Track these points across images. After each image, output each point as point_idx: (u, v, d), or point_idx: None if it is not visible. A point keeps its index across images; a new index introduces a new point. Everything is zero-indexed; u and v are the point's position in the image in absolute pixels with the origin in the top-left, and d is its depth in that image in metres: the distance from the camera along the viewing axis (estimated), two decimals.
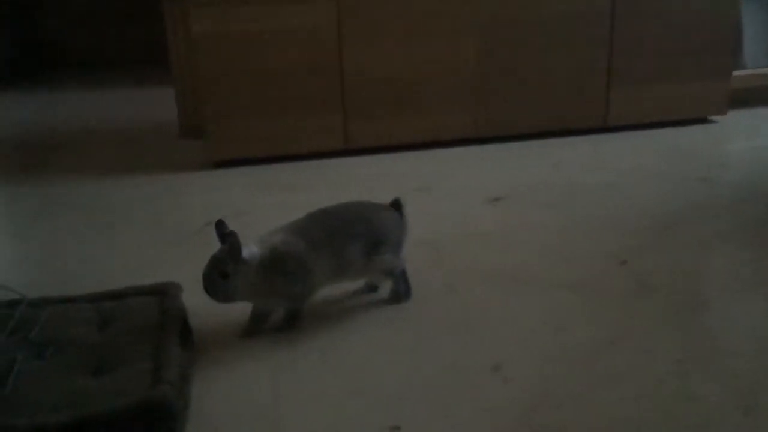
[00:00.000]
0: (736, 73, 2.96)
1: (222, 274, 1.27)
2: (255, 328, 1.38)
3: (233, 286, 1.28)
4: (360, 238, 1.38)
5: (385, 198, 2.16)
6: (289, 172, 2.46)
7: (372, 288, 1.53)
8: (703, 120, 2.95)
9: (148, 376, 1.15)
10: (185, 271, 1.44)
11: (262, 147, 2.53)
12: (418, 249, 1.76)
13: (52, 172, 2.57)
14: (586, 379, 1.21)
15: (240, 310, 1.37)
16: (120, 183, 2.40)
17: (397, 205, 1.49)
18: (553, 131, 2.76)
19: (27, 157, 2.86)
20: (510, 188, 2.20)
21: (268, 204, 2.13)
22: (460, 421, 1.10)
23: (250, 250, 1.30)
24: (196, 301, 1.37)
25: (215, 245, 1.29)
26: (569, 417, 1.11)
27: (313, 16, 2.44)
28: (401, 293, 1.48)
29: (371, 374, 1.24)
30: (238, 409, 1.16)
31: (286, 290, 1.35)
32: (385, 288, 1.51)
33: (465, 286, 1.56)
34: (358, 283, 1.53)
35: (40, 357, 1.24)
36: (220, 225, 1.30)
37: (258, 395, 1.19)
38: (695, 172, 2.32)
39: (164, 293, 1.43)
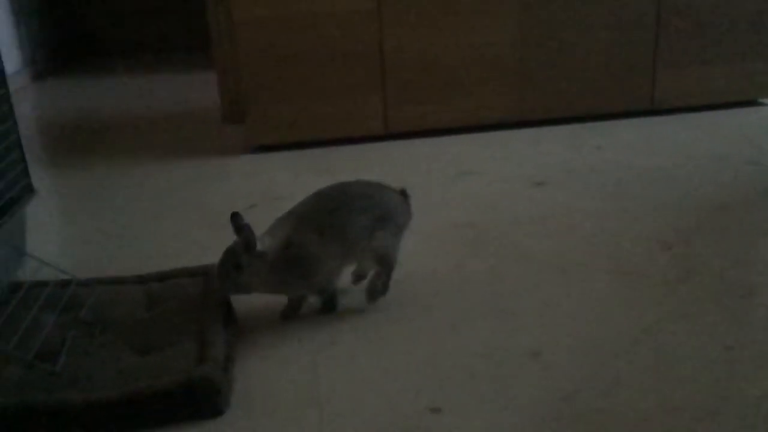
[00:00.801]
0: None
1: (236, 266, 1.28)
2: (292, 311, 1.40)
3: (247, 278, 1.29)
4: (365, 213, 1.36)
5: (426, 182, 2.15)
6: (330, 156, 2.47)
7: (360, 277, 1.48)
8: (753, 102, 2.86)
9: (194, 355, 1.18)
10: None
11: (303, 131, 2.54)
12: (460, 232, 1.76)
13: (100, 156, 2.62)
14: (630, 365, 1.19)
15: None
16: (164, 167, 2.43)
17: (404, 195, 1.46)
18: (598, 114, 2.72)
19: (75, 142, 2.93)
20: (553, 172, 2.17)
21: (309, 188, 2.13)
22: (500, 406, 1.10)
23: (264, 242, 1.30)
24: None
25: (257, 228, 1.30)
26: (611, 404, 1.10)
27: (354, 0, 2.44)
28: (378, 288, 1.41)
29: (411, 357, 1.25)
30: (280, 388, 1.17)
31: (304, 284, 1.35)
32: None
33: (507, 270, 1.55)
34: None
35: (90, 335, 1.28)
36: (235, 217, 1.30)
37: (299, 375, 1.21)
38: (745, 155, 2.26)
39: (208, 275, 1.45)
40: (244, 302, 1.41)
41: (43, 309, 1.34)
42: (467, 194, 2.03)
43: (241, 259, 1.27)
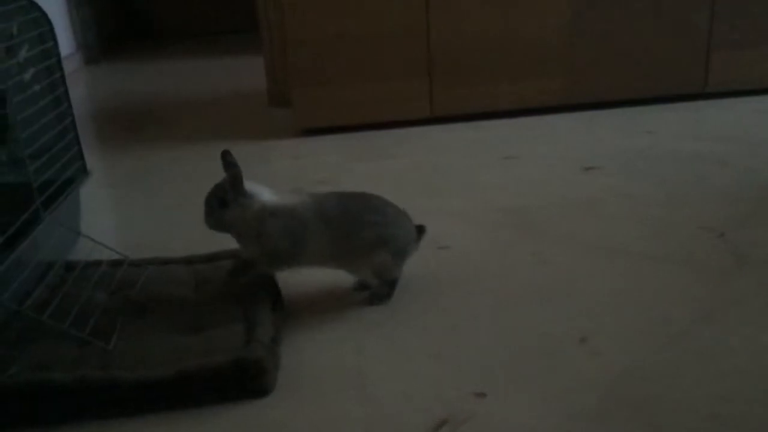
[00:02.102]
0: None
1: (221, 202, 1.29)
2: (239, 273, 1.37)
3: (229, 215, 1.29)
4: (372, 227, 1.32)
5: (472, 166, 2.14)
6: (375, 140, 2.47)
7: (363, 286, 1.42)
8: None
9: (242, 336, 1.20)
10: None
11: (349, 115, 2.55)
12: (506, 216, 1.75)
13: (150, 139, 2.67)
14: (679, 353, 1.17)
15: (330, 274, 1.39)
16: (212, 150, 2.43)
17: (419, 230, 1.41)
18: (648, 98, 2.65)
19: (125, 124, 2.99)
20: (602, 157, 2.13)
21: (355, 171, 2.15)
22: (546, 392, 1.09)
23: (258, 188, 1.30)
24: None
25: None
26: (659, 392, 1.08)
27: None
28: (380, 294, 1.38)
29: (456, 341, 1.24)
30: (325, 370, 1.19)
31: (270, 244, 1.30)
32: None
33: (553, 255, 1.54)
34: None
35: (141, 315, 1.31)
36: (225, 155, 1.29)
37: (345, 357, 1.22)
38: None
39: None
40: (291, 284, 1.42)
41: (96, 288, 1.38)
42: (514, 178, 2.01)
43: (226, 194, 1.28)
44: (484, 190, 1.94)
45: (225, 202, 1.29)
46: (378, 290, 1.38)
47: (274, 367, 1.16)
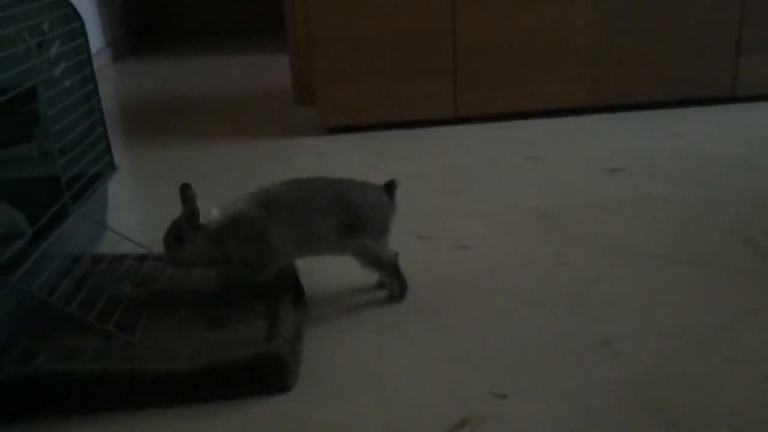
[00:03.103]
0: None
1: (178, 238, 1.29)
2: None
3: (188, 251, 1.29)
4: (332, 214, 1.29)
5: (495, 166, 2.13)
6: (399, 139, 2.47)
7: (383, 284, 1.40)
8: None
9: (264, 332, 1.21)
10: None
11: (373, 114, 2.55)
12: (530, 218, 1.74)
13: (174, 135, 2.69)
14: (704, 359, 1.16)
15: (352, 272, 1.39)
16: (237, 146, 2.48)
17: (389, 187, 1.36)
18: (676, 100, 2.62)
19: (151, 121, 3.02)
20: (628, 159, 2.11)
21: (378, 170, 2.14)
22: (568, 394, 1.09)
23: (209, 215, 1.29)
24: (306, 263, 1.41)
25: None
26: (683, 398, 1.07)
27: None
28: (394, 293, 1.38)
29: (477, 342, 1.24)
30: (345, 368, 1.19)
31: (240, 256, 1.30)
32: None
33: (577, 257, 1.53)
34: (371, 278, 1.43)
35: (165, 308, 1.32)
36: (184, 188, 1.28)
37: (364, 356, 1.22)
38: None
39: None
40: (313, 282, 1.43)
41: (122, 281, 1.39)
42: (537, 179, 2.00)
43: (182, 230, 1.28)
44: (507, 191, 1.93)
45: (181, 238, 1.29)
46: (390, 288, 1.38)
47: (295, 364, 1.17)
